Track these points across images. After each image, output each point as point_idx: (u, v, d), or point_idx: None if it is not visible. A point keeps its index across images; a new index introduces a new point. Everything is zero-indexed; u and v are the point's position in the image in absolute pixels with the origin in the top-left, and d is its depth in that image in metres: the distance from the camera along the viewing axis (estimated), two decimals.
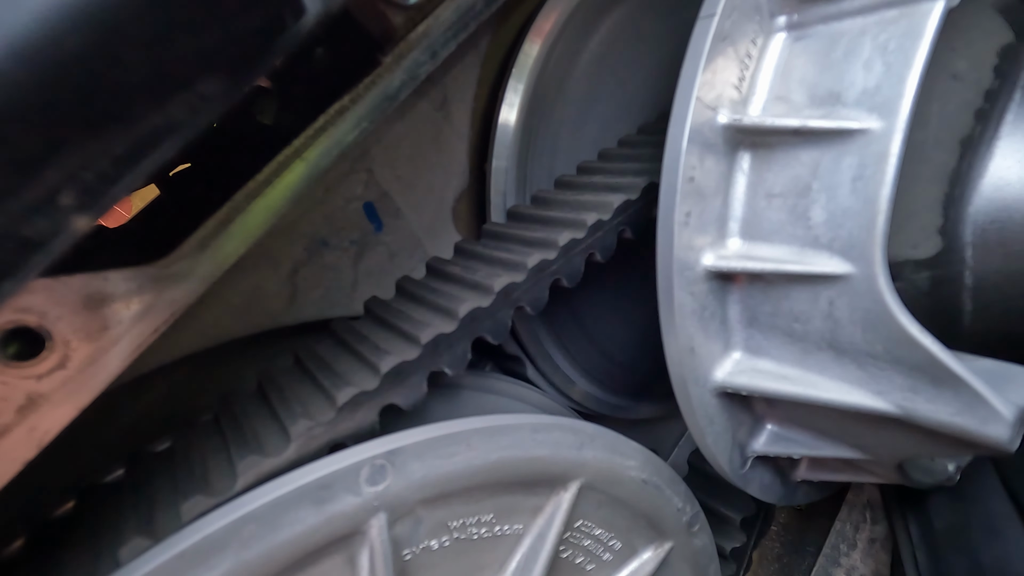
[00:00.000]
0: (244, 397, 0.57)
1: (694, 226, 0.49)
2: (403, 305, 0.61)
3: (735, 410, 0.56)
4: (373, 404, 0.50)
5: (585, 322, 0.87)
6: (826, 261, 0.46)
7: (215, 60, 0.28)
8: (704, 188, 0.49)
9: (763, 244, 0.49)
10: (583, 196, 0.66)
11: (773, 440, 0.58)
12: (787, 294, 0.49)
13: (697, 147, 0.48)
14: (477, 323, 0.54)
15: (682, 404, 0.55)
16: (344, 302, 0.74)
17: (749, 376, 0.52)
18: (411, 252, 0.78)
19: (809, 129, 0.46)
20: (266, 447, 0.47)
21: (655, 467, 0.57)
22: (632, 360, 0.92)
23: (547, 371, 0.85)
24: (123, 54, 0.25)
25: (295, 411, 0.50)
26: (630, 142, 0.77)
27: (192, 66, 0.27)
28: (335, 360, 0.55)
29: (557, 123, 0.80)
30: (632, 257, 0.65)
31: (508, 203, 0.79)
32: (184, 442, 0.54)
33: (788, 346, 0.51)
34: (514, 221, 0.72)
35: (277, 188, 0.49)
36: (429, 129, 0.76)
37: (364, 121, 0.51)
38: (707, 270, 0.50)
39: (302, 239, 0.71)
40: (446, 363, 0.53)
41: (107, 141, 0.26)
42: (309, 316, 0.72)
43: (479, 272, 0.59)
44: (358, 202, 0.73)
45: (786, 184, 0.48)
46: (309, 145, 0.50)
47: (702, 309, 0.51)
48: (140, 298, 0.41)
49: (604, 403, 0.91)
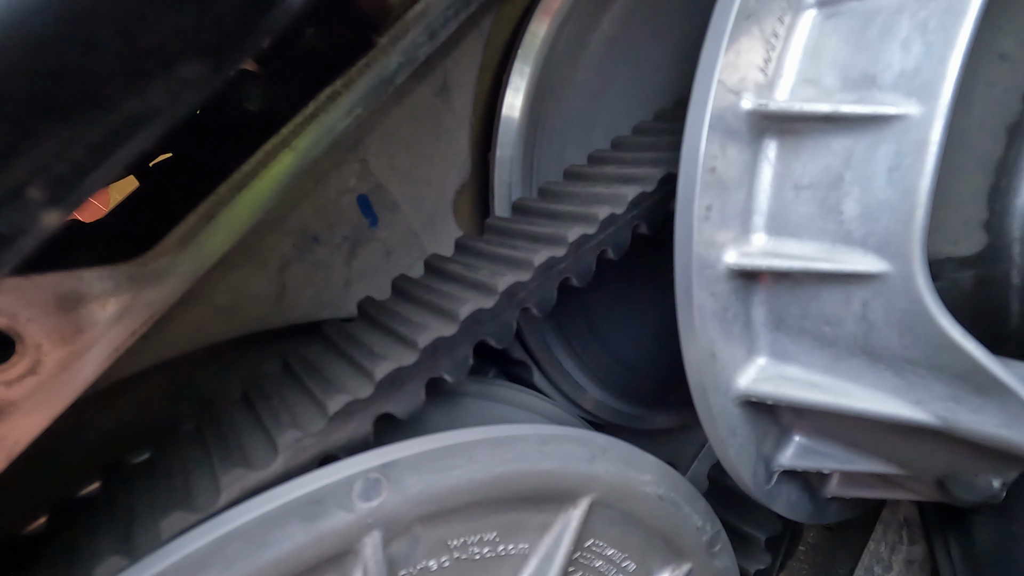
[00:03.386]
0: (228, 405, 0.57)
1: (715, 220, 0.49)
2: (399, 306, 0.61)
3: (760, 420, 0.56)
4: (367, 413, 0.50)
5: (597, 325, 0.87)
6: (860, 259, 0.46)
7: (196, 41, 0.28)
8: (726, 179, 0.49)
9: (791, 240, 0.49)
10: (594, 188, 0.66)
11: (801, 453, 0.58)
12: (817, 295, 0.49)
13: (719, 135, 0.47)
14: (479, 326, 0.54)
15: (702, 413, 0.54)
16: (336, 303, 0.74)
17: (775, 384, 0.52)
18: (408, 249, 0.78)
19: (841, 115, 0.46)
20: (252, 459, 0.47)
21: (672, 482, 0.57)
22: (648, 366, 0.92)
23: (555, 378, 0.85)
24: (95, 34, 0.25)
25: (283, 420, 0.50)
26: (646, 129, 0.77)
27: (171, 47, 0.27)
28: (326, 365, 0.55)
29: (566, 109, 0.80)
30: (648, 254, 0.64)
31: (513, 196, 0.79)
32: (164, 453, 0.54)
33: (818, 351, 0.50)
34: (519, 215, 0.72)
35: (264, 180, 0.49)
36: (428, 116, 0.76)
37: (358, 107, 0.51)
38: (729, 268, 0.50)
39: (291, 235, 0.71)
40: (446, 369, 0.53)
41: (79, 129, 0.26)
42: (298, 318, 0.72)
43: (482, 271, 0.59)
44: (351, 195, 0.73)
45: (816, 175, 0.48)
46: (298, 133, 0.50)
47: (724, 311, 0.51)
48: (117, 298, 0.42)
49: (617, 412, 0.90)
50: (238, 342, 0.69)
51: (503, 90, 0.77)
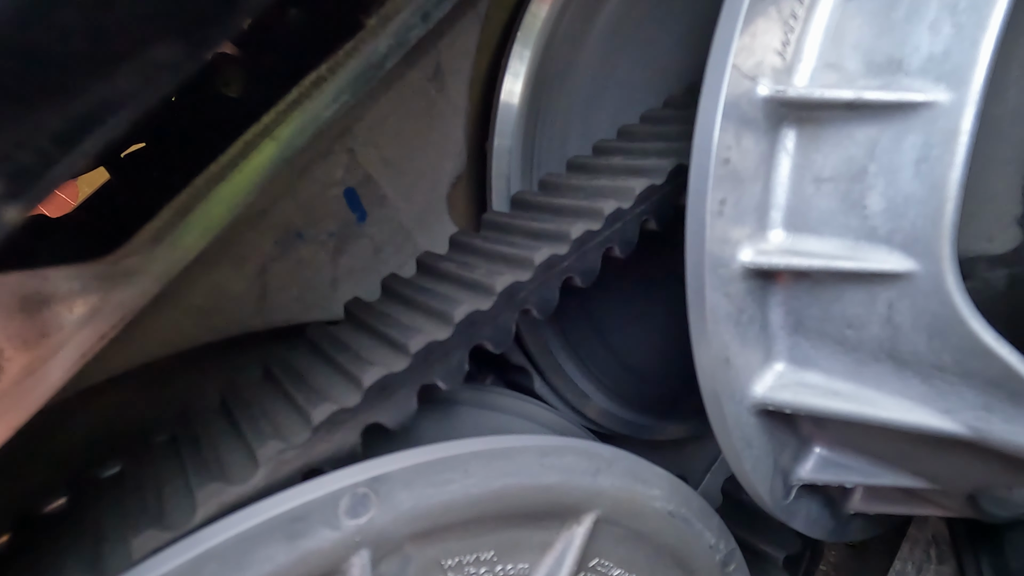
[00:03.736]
0: (205, 414, 0.57)
1: (729, 216, 0.49)
2: (390, 308, 0.61)
3: (777, 431, 0.56)
4: (354, 423, 0.50)
5: (602, 328, 0.87)
6: (885, 257, 0.46)
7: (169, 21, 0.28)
8: (741, 171, 0.48)
9: (811, 237, 0.49)
10: (600, 181, 0.66)
11: (822, 466, 0.58)
12: (839, 295, 0.49)
13: (733, 123, 0.47)
14: (476, 329, 0.54)
15: (715, 423, 0.54)
16: (321, 304, 0.74)
17: (794, 391, 0.52)
18: (399, 246, 0.78)
19: (865, 102, 0.45)
20: (230, 473, 0.47)
21: (683, 497, 0.57)
22: (657, 372, 0.92)
23: (557, 385, 0.85)
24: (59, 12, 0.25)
25: (264, 431, 0.50)
26: (655, 118, 0.77)
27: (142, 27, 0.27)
28: (311, 372, 0.55)
29: (569, 96, 0.80)
30: (657, 252, 0.64)
31: (512, 189, 0.79)
32: (136, 466, 0.54)
33: (840, 356, 0.50)
34: (519, 210, 0.72)
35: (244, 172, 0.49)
36: (420, 103, 0.76)
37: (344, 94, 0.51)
38: (745, 267, 0.50)
39: (273, 231, 0.71)
40: (439, 375, 0.53)
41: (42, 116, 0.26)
42: (281, 320, 0.72)
43: (478, 269, 0.59)
44: (338, 188, 0.73)
45: (838, 166, 0.48)
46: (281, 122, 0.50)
47: (739, 313, 0.51)
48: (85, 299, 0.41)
49: (624, 422, 0.90)
50: (216, 347, 0.69)
51: (501, 75, 0.77)
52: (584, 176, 0.70)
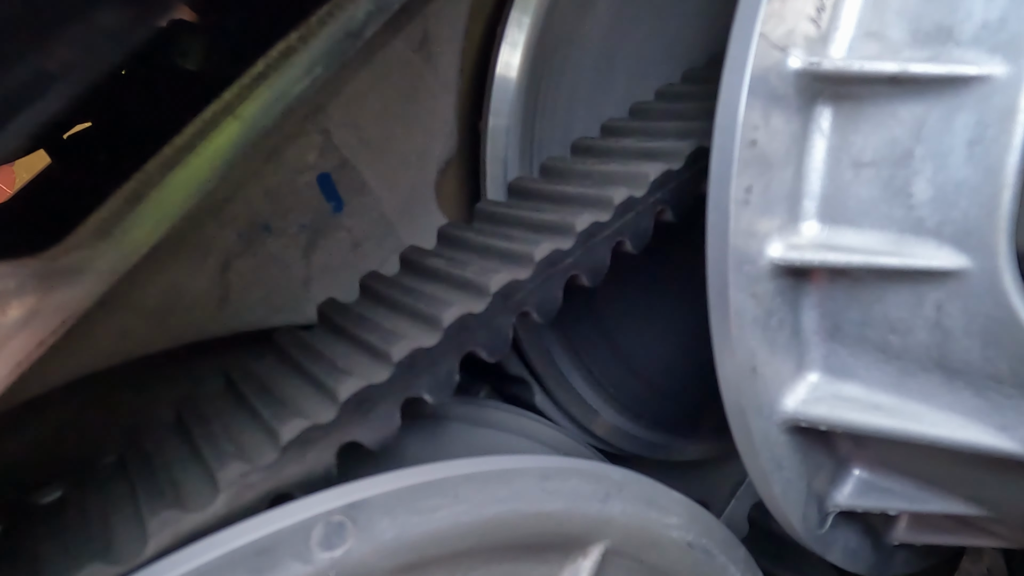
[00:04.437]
0: (158, 432, 0.57)
1: (757, 205, 0.49)
2: (369, 310, 0.61)
3: (811, 450, 0.56)
4: (329, 442, 0.50)
5: (612, 333, 0.87)
6: (933, 252, 0.46)
7: None
8: (770, 154, 0.48)
9: (849, 229, 0.49)
10: (609, 165, 0.66)
11: (862, 490, 0.58)
12: (881, 296, 0.49)
13: (761, 100, 0.47)
14: (467, 334, 0.54)
15: (740, 442, 0.54)
16: (292, 306, 0.74)
17: (830, 405, 0.52)
18: (380, 240, 0.77)
19: (911, 76, 0.45)
20: (187, 498, 0.47)
21: (704, 525, 0.57)
22: (674, 384, 0.92)
23: (561, 398, 0.85)
24: None
25: (225, 451, 0.50)
26: (671, 94, 0.77)
27: None
28: (279, 383, 0.55)
29: (575, 69, 0.80)
30: (674, 247, 0.64)
31: (510, 175, 0.78)
32: (79, 492, 0.54)
33: (882, 366, 0.50)
34: (517, 199, 0.72)
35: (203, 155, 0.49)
36: (405, 77, 0.76)
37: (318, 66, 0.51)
38: (774, 264, 0.50)
39: (236, 223, 0.71)
40: (426, 388, 0.53)
41: None
42: (245, 324, 0.72)
43: (470, 267, 0.59)
44: (310, 174, 0.73)
45: (880, 149, 0.48)
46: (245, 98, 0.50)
47: (767, 316, 0.51)
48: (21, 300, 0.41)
49: (637, 440, 0.90)
50: (171, 355, 0.69)
51: (497, 45, 0.77)
52: (591, 160, 0.70)
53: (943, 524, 0.61)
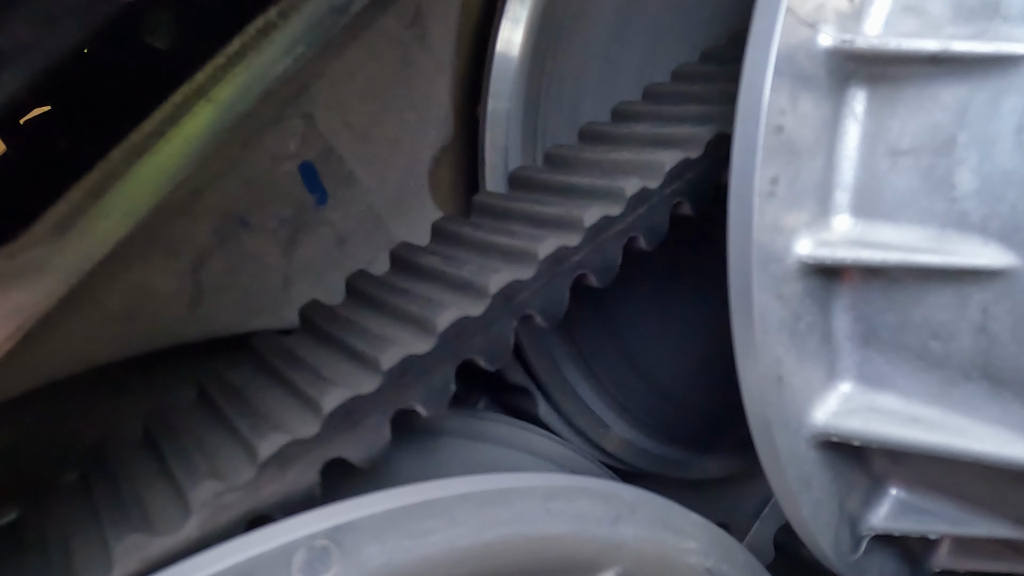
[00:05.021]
0: (124, 447, 0.57)
1: (783, 198, 0.49)
2: (356, 313, 0.61)
3: (843, 467, 0.56)
4: (312, 458, 0.50)
5: (623, 338, 0.87)
6: (978, 249, 0.45)
7: None
8: (798, 142, 0.48)
9: (885, 224, 0.49)
10: (620, 153, 0.66)
11: (899, 512, 0.58)
12: (920, 298, 0.49)
13: (788, 82, 0.47)
14: (464, 340, 0.54)
15: (765, 458, 0.54)
16: (271, 308, 0.74)
17: (864, 418, 0.52)
18: (368, 235, 0.78)
19: (953, 55, 0.45)
20: (156, 521, 0.47)
21: (725, 550, 0.57)
22: (692, 394, 0.92)
23: (567, 409, 0.85)
24: None
25: (198, 468, 0.50)
26: (689, 75, 0.77)
27: None
28: (257, 394, 0.55)
29: (583, 47, 0.80)
30: (692, 244, 0.64)
31: (511, 164, 0.79)
32: (37, 513, 0.53)
33: (921, 374, 0.50)
34: (519, 190, 0.72)
35: (173, 142, 0.49)
36: (396, 57, 0.76)
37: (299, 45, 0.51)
38: (802, 262, 0.50)
39: (210, 217, 0.71)
40: (419, 399, 0.53)
41: None
42: (220, 328, 0.72)
43: (468, 265, 0.59)
44: (291, 163, 0.73)
45: (919, 136, 0.47)
46: (220, 80, 0.50)
47: (795, 320, 0.51)
48: None
49: (651, 456, 0.90)
50: (138, 362, 0.69)
51: (497, 20, 0.77)
52: (601, 148, 0.70)
53: (989, 549, 0.61)
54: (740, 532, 0.97)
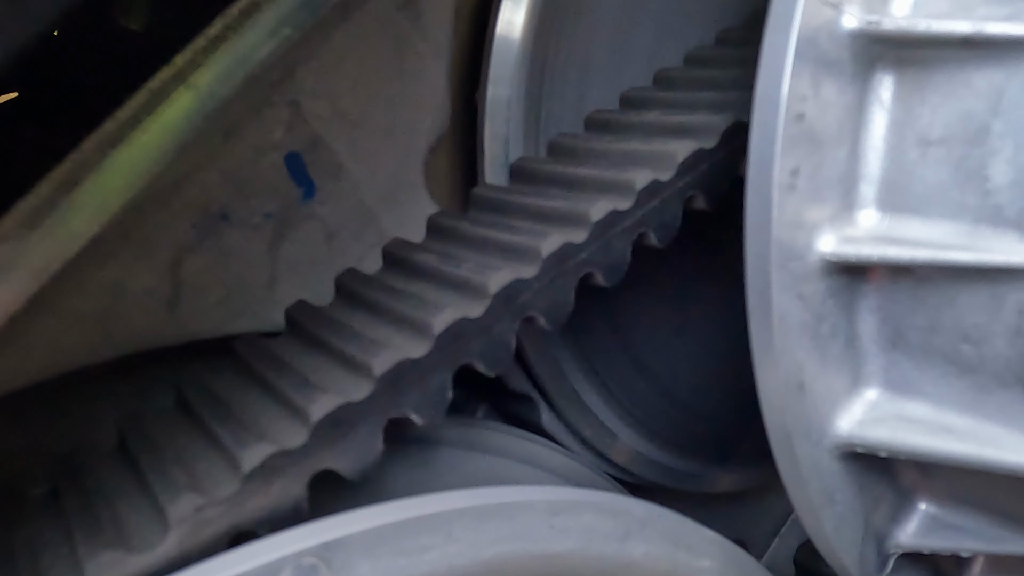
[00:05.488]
0: (98, 458, 0.57)
1: (805, 191, 0.49)
2: (346, 315, 0.61)
3: (869, 480, 0.56)
4: (299, 470, 0.50)
5: (633, 342, 0.87)
6: (1013, 246, 0.45)
7: None
8: (820, 131, 0.48)
9: (914, 219, 0.49)
10: (630, 143, 0.66)
11: (929, 528, 0.58)
12: (952, 299, 0.48)
13: (810, 66, 0.47)
14: (462, 343, 0.54)
15: (785, 470, 0.54)
16: (255, 309, 0.74)
17: (892, 427, 0.52)
18: (359, 231, 0.78)
19: (987, 38, 0.45)
20: (131, 537, 0.47)
21: (741, 569, 0.57)
22: (706, 401, 0.92)
23: (573, 418, 0.85)
24: None
25: (177, 481, 0.50)
26: (704, 59, 0.77)
27: None
28: (240, 401, 0.55)
29: (589, 28, 0.80)
30: (706, 240, 0.64)
31: (512, 155, 0.79)
32: (4, 529, 0.53)
33: (953, 380, 0.50)
34: (521, 183, 0.72)
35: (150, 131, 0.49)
36: (388, 39, 0.76)
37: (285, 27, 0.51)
38: (825, 260, 0.50)
39: (189, 211, 0.71)
40: (413, 406, 0.53)
41: None
42: (200, 331, 0.72)
43: (466, 263, 0.59)
44: (277, 153, 0.73)
45: (951, 124, 0.47)
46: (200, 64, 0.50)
47: (817, 322, 0.51)
48: None
49: (663, 469, 0.90)
50: (113, 366, 0.69)
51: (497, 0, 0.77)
52: (609, 137, 0.70)
53: None
54: (758, 550, 0.97)
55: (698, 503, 0.94)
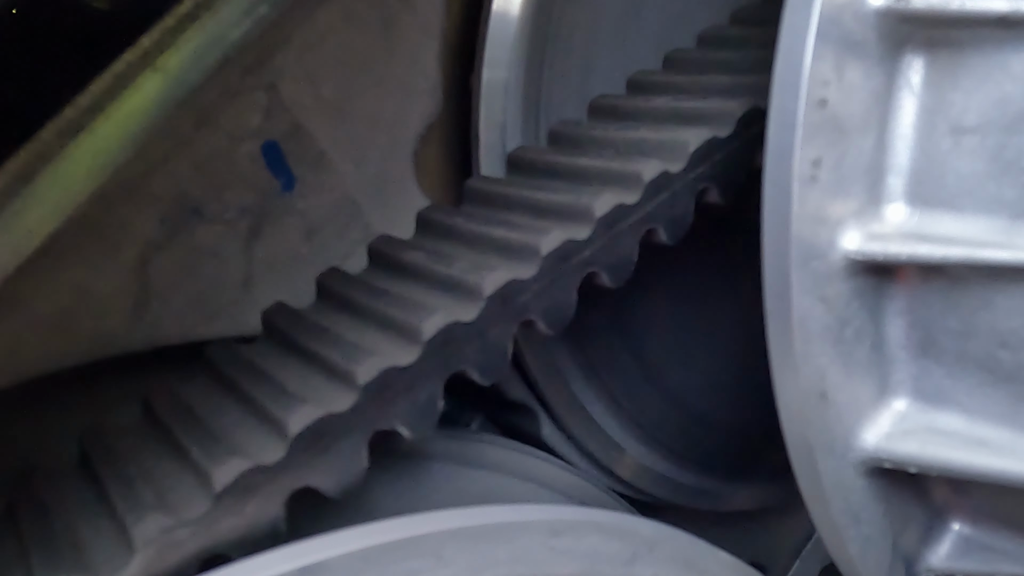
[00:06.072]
0: (58, 474, 0.57)
1: (827, 183, 0.49)
2: (329, 318, 0.61)
3: (897, 498, 0.56)
4: (276, 488, 0.50)
5: (640, 348, 0.87)
6: None
7: None
8: (844, 118, 0.48)
9: (946, 214, 0.49)
10: (637, 131, 0.66)
11: (963, 550, 0.58)
12: (988, 301, 0.49)
13: (833, 47, 0.47)
14: (455, 349, 0.54)
15: (806, 487, 0.54)
16: (229, 312, 0.74)
17: (922, 440, 0.52)
18: (343, 227, 0.78)
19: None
20: (94, 560, 0.47)
21: None
22: (720, 412, 0.92)
23: (576, 430, 0.85)
24: None
25: (143, 499, 0.50)
26: (718, 39, 0.77)
27: None
28: (212, 412, 0.55)
29: (593, 6, 0.80)
30: (720, 237, 0.64)
31: (509, 144, 0.79)
32: None
33: (988, 389, 0.50)
34: (519, 175, 0.72)
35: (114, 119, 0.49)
36: (374, 18, 0.76)
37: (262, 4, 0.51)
38: (850, 259, 0.50)
39: (157, 205, 0.71)
40: (401, 418, 0.53)
41: None
42: (169, 336, 0.72)
43: (459, 262, 0.59)
44: (254, 142, 0.73)
45: (986, 111, 0.47)
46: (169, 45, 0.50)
47: (841, 326, 0.51)
48: None
49: (673, 485, 0.90)
50: (75, 374, 0.69)
51: None
52: (615, 125, 0.70)
53: None
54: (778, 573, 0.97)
55: (712, 522, 0.94)
